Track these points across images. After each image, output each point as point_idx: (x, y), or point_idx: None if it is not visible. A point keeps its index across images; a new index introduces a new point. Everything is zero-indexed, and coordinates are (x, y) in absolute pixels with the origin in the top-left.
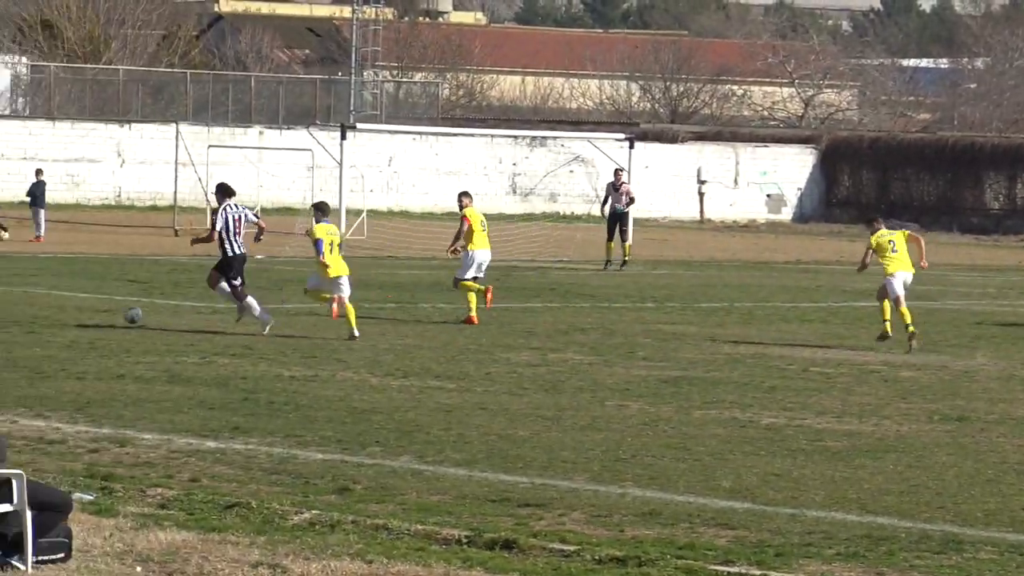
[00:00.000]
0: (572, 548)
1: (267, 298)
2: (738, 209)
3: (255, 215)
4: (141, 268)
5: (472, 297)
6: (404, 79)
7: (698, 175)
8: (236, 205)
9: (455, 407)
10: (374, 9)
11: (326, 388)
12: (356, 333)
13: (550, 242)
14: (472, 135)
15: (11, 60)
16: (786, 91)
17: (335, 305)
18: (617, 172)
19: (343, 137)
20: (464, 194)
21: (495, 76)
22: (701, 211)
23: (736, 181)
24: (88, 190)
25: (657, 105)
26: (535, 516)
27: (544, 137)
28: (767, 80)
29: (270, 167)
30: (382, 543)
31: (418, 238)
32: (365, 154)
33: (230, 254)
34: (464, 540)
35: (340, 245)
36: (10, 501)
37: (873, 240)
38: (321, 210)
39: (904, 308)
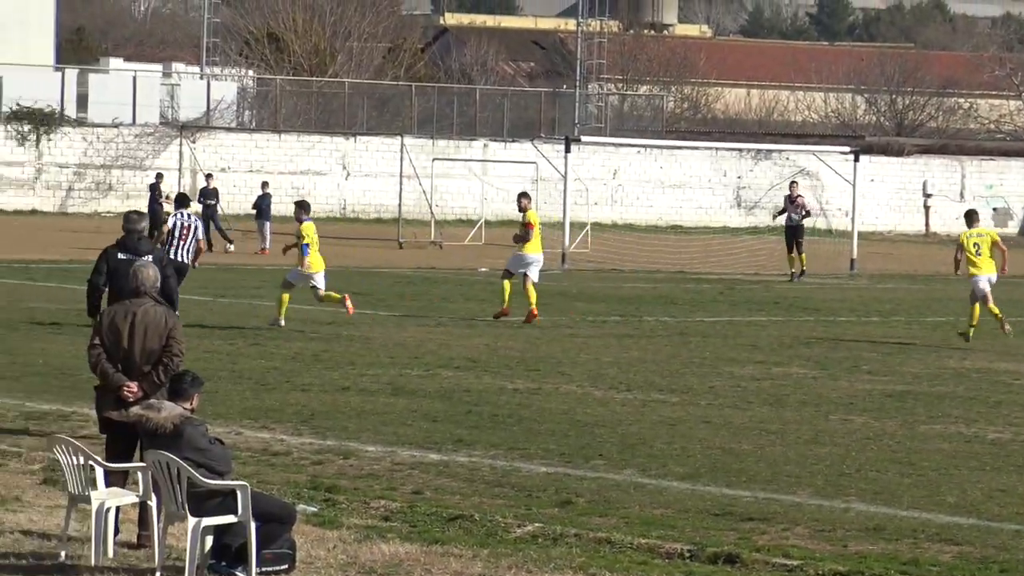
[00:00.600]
0: (795, 563)
1: (490, 310)
2: (964, 223)
3: (202, 234)
4: (365, 280)
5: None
6: (629, 92)
7: (923, 188)
8: (188, 215)
9: (678, 421)
10: (599, 22)
11: (549, 401)
12: (282, 322)
13: (774, 256)
14: (697, 148)
15: (238, 73)
16: (1013, 104)
17: (349, 303)
18: (792, 184)
19: (567, 150)
20: (525, 195)
21: (720, 89)
22: (927, 224)
23: (962, 195)
24: (313, 202)
25: (882, 118)
26: (758, 530)
27: (769, 150)
28: (994, 93)
29: (494, 180)
30: (604, 556)
31: (642, 251)
32: (589, 167)
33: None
34: (687, 554)
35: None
36: (235, 512)
37: (962, 237)
38: (305, 208)
39: (992, 305)
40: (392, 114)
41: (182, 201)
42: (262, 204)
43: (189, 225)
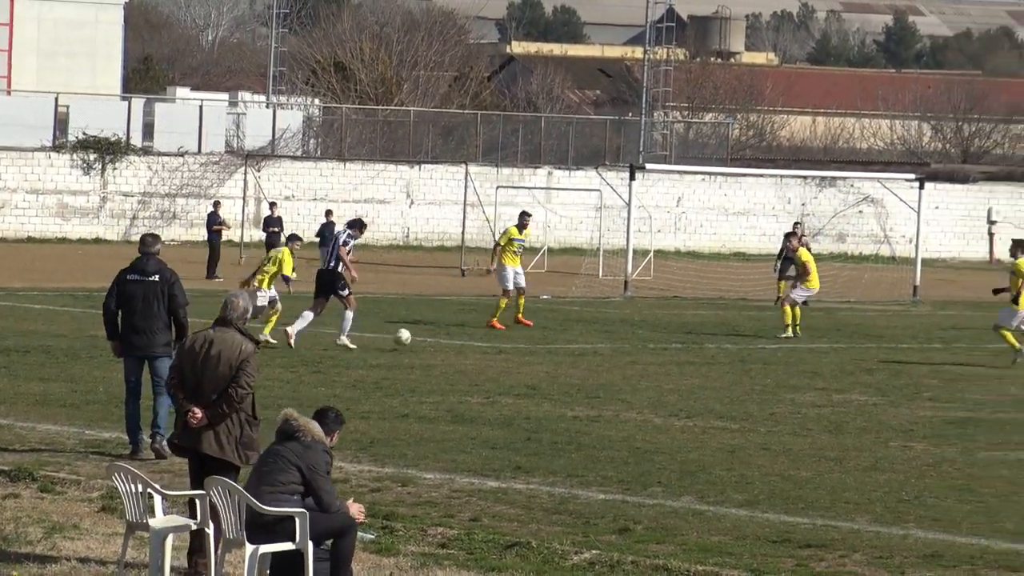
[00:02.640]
0: None
1: (551, 337)
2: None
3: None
4: (428, 308)
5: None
6: (694, 119)
7: (988, 215)
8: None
9: (738, 448)
10: (666, 50)
11: (609, 428)
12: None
13: (837, 283)
14: (761, 175)
15: (305, 102)
16: None
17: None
18: (796, 225)
19: (632, 177)
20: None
21: (785, 116)
22: (991, 251)
23: None
24: (376, 230)
25: (948, 145)
26: (816, 557)
27: (833, 177)
28: None
29: (558, 207)
30: None
31: (704, 279)
32: (653, 194)
33: None
34: None
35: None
36: (293, 539)
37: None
38: (297, 239)
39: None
40: (457, 142)
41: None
42: (326, 232)
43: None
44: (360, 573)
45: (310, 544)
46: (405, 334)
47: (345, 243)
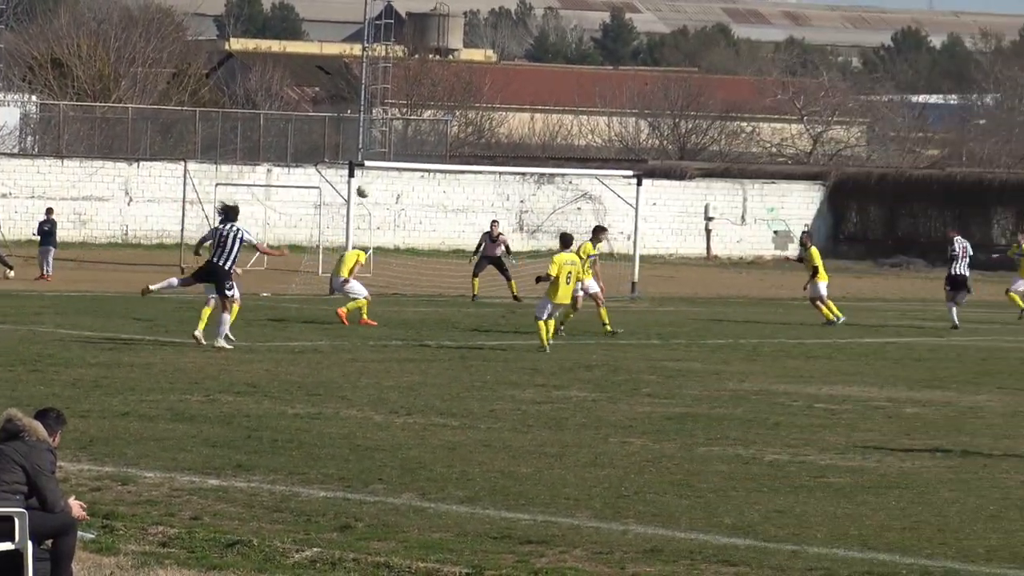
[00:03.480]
0: None
1: (271, 335)
2: (745, 246)
3: None
4: (147, 306)
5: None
6: (413, 116)
7: (705, 212)
8: None
9: (458, 444)
10: (384, 47)
11: (330, 426)
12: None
13: None
14: (480, 172)
15: (21, 99)
16: (795, 127)
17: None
18: (493, 223)
19: (351, 175)
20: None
21: (504, 113)
22: (708, 248)
23: (743, 218)
24: (95, 228)
25: (666, 142)
26: (536, 553)
27: (552, 174)
28: (776, 116)
29: (277, 205)
30: None
31: (424, 275)
32: (373, 191)
33: None
34: None
35: None
36: (12, 539)
37: None
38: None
39: None
40: (176, 139)
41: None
42: (44, 229)
43: None
44: (80, 573)
45: (30, 544)
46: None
47: (244, 239)
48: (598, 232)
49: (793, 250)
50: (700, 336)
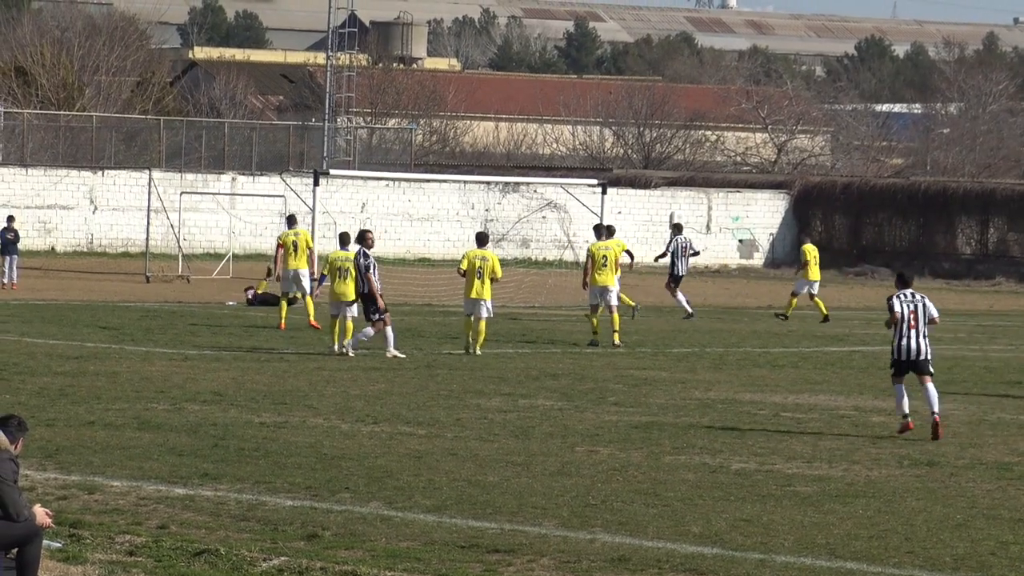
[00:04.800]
0: None
1: (236, 343)
2: (710, 254)
3: None
4: (112, 314)
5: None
6: (378, 125)
7: (670, 220)
8: None
9: (425, 453)
10: (348, 55)
11: (296, 434)
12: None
13: (522, 288)
14: (444, 181)
15: None
16: (759, 136)
17: None
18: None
19: (316, 183)
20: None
21: (468, 122)
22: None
23: (708, 227)
24: (60, 236)
25: (630, 151)
26: (504, 562)
27: (516, 183)
28: (740, 125)
29: (242, 213)
30: None
31: (390, 284)
32: (338, 200)
33: None
34: None
35: None
36: None
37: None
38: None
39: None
40: (140, 148)
41: None
42: (7, 238)
43: None
44: None
45: None
46: None
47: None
48: (609, 231)
49: (759, 258)
50: (666, 345)
